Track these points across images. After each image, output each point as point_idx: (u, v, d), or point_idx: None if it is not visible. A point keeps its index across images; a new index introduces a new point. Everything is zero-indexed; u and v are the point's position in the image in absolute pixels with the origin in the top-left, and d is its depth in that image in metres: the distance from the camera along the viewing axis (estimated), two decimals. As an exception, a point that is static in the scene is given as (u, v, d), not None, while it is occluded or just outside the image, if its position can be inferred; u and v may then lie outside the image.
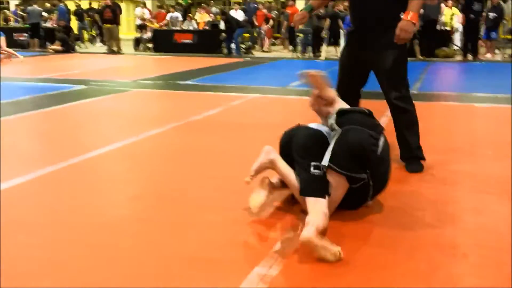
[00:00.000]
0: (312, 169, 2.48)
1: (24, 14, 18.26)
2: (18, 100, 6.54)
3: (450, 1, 15.28)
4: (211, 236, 2.43)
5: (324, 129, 2.71)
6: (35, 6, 16.66)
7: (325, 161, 2.47)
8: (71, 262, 2.17)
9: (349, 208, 2.66)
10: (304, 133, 2.68)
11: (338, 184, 2.50)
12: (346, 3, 3.47)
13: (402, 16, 3.32)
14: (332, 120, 2.64)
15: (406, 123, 3.54)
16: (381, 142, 2.57)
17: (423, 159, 3.54)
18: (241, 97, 6.67)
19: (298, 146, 2.60)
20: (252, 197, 2.64)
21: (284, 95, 6.89)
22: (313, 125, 2.77)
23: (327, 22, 13.35)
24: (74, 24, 18.07)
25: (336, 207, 2.57)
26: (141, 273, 2.08)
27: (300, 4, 16.05)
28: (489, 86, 7.71)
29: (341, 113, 2.67)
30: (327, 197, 2.45)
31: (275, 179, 2.79)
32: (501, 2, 13.16)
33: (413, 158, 3.54)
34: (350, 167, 2.47)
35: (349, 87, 3.62)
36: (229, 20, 14.72)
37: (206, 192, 3.05)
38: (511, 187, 3.06)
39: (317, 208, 2.36)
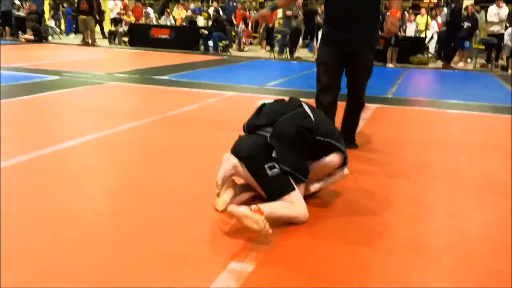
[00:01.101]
0: (268, 171, 2.51)
1: None
2: (-12, 88, 6.36)
3: (423, 9, 15.60)
4: (186, 231, 2.40)
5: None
6: None
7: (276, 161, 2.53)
8: (42, 254, 2.11)
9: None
10: (245, 144, 2.67)
11: None
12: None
13: (388, 14, 3.77)
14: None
15: (359, 116, 4.10)
16: (307, 110, 2.73)
17: (355, 140, 4.18)
18: (218, 95, 6.63)
19: (245, 160, 2.60)
20: (218, 199, 2.64)
21: (261, 94, 6.87)
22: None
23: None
24: (48, 14, 17.71)
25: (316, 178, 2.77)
26: (115, 267, 2.03)
27: (278, 5, 16.08)
28: (460, 94, 7.88)
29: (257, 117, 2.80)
30: (296, 188, 2.53)
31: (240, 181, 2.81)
32: (476, 13, 13.44)
33: (354, 143, 4.12)
34: (297, 161, 2.58)
35: (333, 82, 3.87)
36: (218, 21, 14.66)
37: (181, 187, 3.01)
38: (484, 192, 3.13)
39: (279, 203, 2.49)
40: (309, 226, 2.50)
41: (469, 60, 13.77)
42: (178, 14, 16.90)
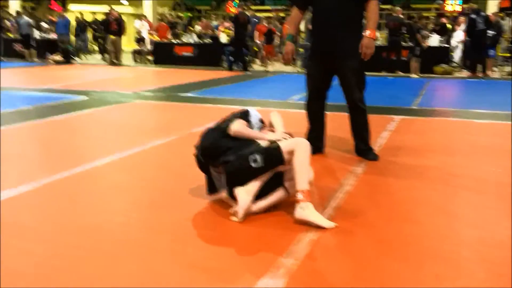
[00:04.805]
0: (254, 164, 2.74)
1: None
2: (21, 110, 6.56)
3: (444, 19, 15.49)
4: (216, 246, 2.44)
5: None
6: (25, 17, 16.63)
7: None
8: (74, 267, 2.17)
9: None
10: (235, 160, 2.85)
11: None
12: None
13: (363, 34, 3.84)
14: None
15: (364, 122, 4.09)
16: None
17: (373, 149, 4.19)
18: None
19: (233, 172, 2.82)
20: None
21: (285, 109, 6.91)
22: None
23: None
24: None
25: None
26: (144, 280, 2.08)
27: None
28: (487, 103, 7.77)
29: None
30: (278, 144, 2.81)
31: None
32: (500, 20, 13.28)
33: (369, 150, 4.13)
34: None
35: (318, 92, 4.17)
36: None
37: (210, 202, 3.05)
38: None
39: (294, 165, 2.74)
40: (337, 239, 2.51)
41: (494, 68, 13.58)
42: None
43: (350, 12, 3.90)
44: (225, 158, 2.84)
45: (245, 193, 2.75)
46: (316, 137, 4.19)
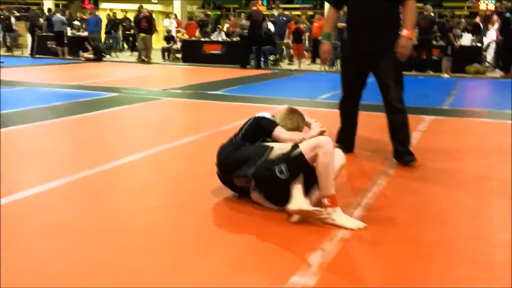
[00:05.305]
0: (280, 175, 2.71)
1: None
2: (53, 106, 6.71)
3: (478, 17, 15.16)
4: (245, 244, 2.45)
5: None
6: (58, 15, 16.94)
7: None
8: (103, 266, 2.22)
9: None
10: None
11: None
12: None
13: (400, 33, 3.74)
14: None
15: (401, 122, 3.91)
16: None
17: (413, 153, 3.90)
18: (271, 108, 6.68)
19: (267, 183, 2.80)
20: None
21: (314, 107, 6.89)
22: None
23: None
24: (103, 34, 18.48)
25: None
26: (173, 278, 2.10)
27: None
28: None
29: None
30: (299, 149, 2.74)
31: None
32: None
33: (406, 152, 3.89)
34: None
35: (352, 92, 4.11)
36: (267, 35, 14.73)
37: (239, 200, 3.07)
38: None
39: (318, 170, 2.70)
40: (367, 239, 2.50)
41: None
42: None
43: (386, 11, 3.85)
44: (248, 171, 2.83)
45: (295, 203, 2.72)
46: (347, 137, 4.16)
